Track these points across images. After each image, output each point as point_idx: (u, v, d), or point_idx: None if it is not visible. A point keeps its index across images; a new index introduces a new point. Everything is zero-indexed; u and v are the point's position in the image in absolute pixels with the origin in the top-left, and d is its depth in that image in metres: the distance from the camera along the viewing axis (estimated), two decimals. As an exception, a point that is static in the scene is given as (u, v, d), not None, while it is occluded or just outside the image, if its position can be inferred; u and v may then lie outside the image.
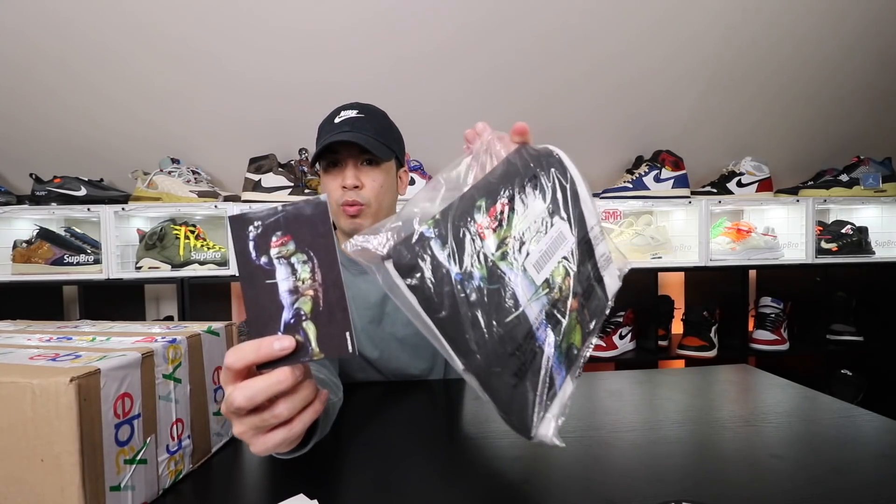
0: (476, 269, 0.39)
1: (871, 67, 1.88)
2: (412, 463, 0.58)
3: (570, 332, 0.43)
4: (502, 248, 0.40)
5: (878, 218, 1.92)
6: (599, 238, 0.48)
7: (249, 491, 0.54)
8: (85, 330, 0.60)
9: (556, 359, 0.42)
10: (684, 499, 0.48)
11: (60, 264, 1.55)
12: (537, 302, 0.41)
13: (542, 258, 0.42)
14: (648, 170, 1.75)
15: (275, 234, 0.39)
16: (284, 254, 0.39)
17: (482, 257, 0.39)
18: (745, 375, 0.91)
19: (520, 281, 0.40)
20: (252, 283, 0.39)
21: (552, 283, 0.42)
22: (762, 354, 1.77)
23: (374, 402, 0.79)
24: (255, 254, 0.39)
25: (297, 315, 0.39)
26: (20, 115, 1.67)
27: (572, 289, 0.44)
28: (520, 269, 0.41)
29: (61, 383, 0.41)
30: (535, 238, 0.42)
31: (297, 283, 0.39)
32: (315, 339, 0.39)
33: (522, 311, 0.40)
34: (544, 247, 0.42)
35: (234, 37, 1.60)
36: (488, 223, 0.40)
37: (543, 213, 0.43)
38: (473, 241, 0.39)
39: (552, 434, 0.41)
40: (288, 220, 0.39)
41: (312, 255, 0.39)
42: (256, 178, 1.62)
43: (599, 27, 1.69)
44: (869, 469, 0.54)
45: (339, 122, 0.83)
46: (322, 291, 0.39)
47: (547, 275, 0.42)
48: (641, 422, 0.69)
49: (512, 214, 0.41)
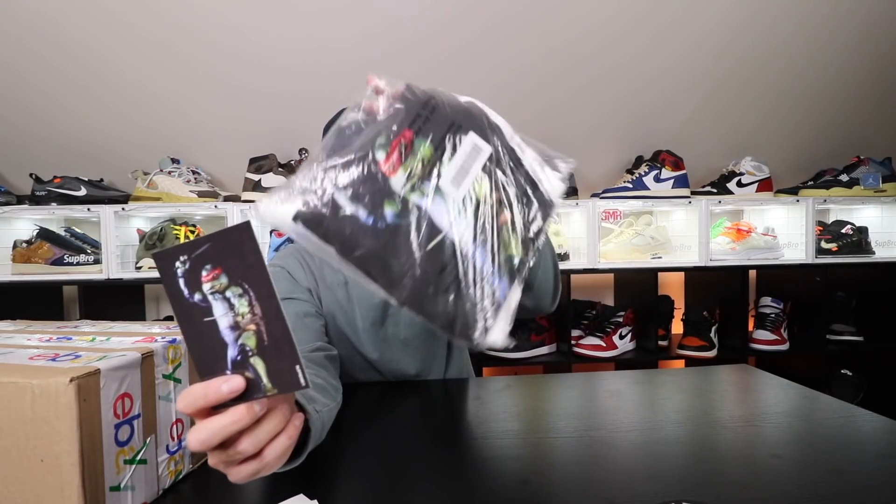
0: (388, 208, 0.38)
1: (871, 68, 1.88)
2: (412, 463, 0.58)
3: (506, 244, 0.43)
4: (411, 179, 0.40)
5: (878, 218, 1.92)
6: (523, 146, 0.47)
7: (249, 491, 0.54)
8: (85, 330, 0.60)
9: (493, 271, 0.42)
10: (684, 499, 0.48)
11: (60, 264, 1.55)
12: (462, 219, 0.41)
13: (458, 174, 0.41)
14: (648, 170, 1.75)
15: (204, 267, 0.36)
16: (218, 288, 0.36)
17: (391, 194, 0.39)
18: (745, 375, 0.91)
19: (437, 206, 0.40)
20: (190, 323, 0.37)
21: (474, 197, 0.42)
22: (762, 354, 1.77)
23: (374, 402, 0.79)
24: (188, 291, 0.36)
25: (244, 351, 0.36)
26: (20, 117, 1.68)
27: (500, 200, 0.43)
28: (432, 193, 0.40)
29: (61, 383, 0.41)
30: (447, 157, 0.41)
31: (237, 317, 0.36)
32: (265, 374, 0.36)
33: (445, 234, 0.40)
34: (459, 162, 0.42)
35: (237, 47, 1.60)
36: (393, 159, 0.39)
37: (450, 131, 0.42)
38: (378, 181, 0.38)
39: (502, 339, 0.42)
40: (216, 251, 0.36)
41: (247, 288, 0.36)
42: (256, 178, 1.62)
43: (607, 35, 1.69)
44: (869, 469, 0.54)
45: None
46: (264, 325, 0.36)
47: (466, 190, 0.42)
48: (641, 422, 0.69)
49: (417, 140, 0.40)
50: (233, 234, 0.35)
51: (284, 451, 0.39)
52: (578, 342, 1.72)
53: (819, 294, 1.75)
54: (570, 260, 1.72)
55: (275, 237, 1.62)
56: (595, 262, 1.68)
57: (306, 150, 1.71)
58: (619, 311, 1.77)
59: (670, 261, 1.76)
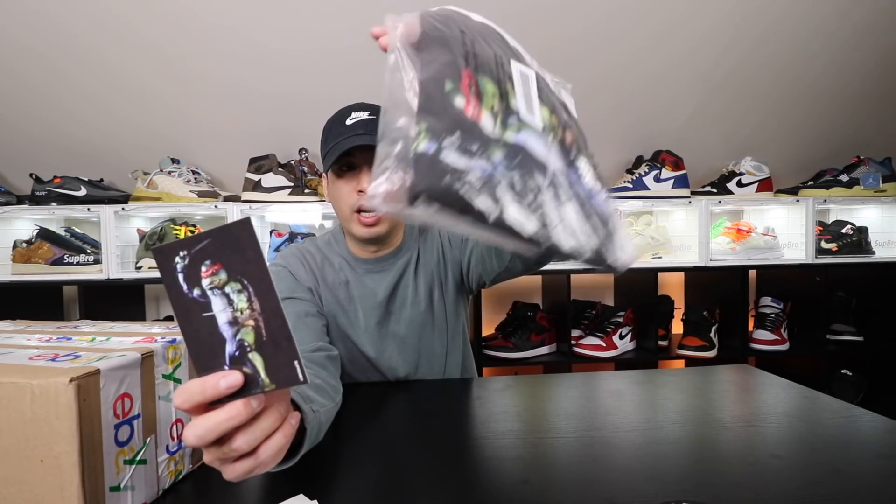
0: (496, 153, 0.36)
1: (871, 68, 1.88)
2: (412, 463, 0.58)
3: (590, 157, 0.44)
4: (497, 118, 0.37)
5: (878, 218, 1.92)
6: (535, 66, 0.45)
7: (249, 491, 0.54)
8: (85, 330, 0.60)
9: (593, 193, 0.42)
10: (684, 499, 0.48)
11: (60, 264, 1.55)
12: (552, 150, 0.40)
13: (527, 105, 0.39)
14: (648, 170, 1.75)
15: (203, 263, 0.36)
16: (217, 284, 0.36)
17: (490, 139, 0.36)
18: (745, 375, 0.91)
19: (530, 139, 0.38)
20: (189, 318, 0.36)
21: (548, 124, 0.41)
22: (762, 354, 1.77)
23: (374, 402, 0.79)
24: (187, 286, 0.36)
25: (242, 347, 0.36)
26: (20, 118, 1.68)
27: (562, 121, 0.43)
28: (521, 127, 0.38)
29: (61, 383, 0.41)
30: (510, 88, 0.39)
31: (236, 313, 0.36)
32: (264, 369, 0.36)
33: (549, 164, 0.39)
34: (521, 91, 0.40)
35: (237, 48, 1.60)
36: (471, 101, 0.36)
37: (497, 63, 0.40)
38: (472, 128, 0.35)
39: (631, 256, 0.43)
40: (216, 247, 0.36)
41: (247, 284, 0.36)
42: (256, 178, 1.62)
43: (606, 36, 1.69)
44: (869, 469, 0.54)
45: (351, 125, 0.81)
46: (263, 321, 0.36)
47: (540, 118, 0.40)
48: (641, 422, 0.69)
49: (479, 77, 0.37)
50: (233, 229, 0.35)
51: (279, 450, 0.38)
52: (578, 342, 1.72)
53: (819, 294, 1.75)
54: (570, 260, 1.72)
55: (275, 237, 1.62)
56: (595, 262, 1.68)
57: (306, 150, 1.71)
58: (619, 311, 1.77)
59: (670, 261, 1.76)
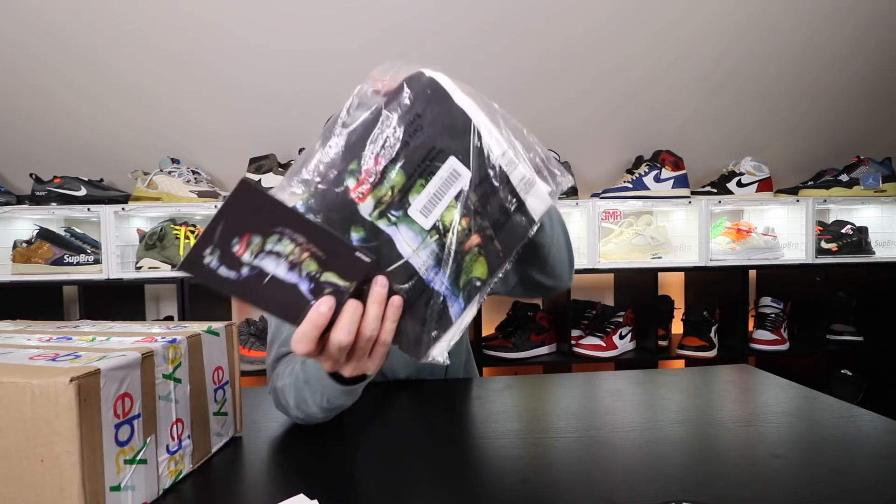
0: (353, 233, 0.40)
1: (871, 68, 1.88)
2: (412, 462, 0.58)
3: (471, 267, 0.44)
4: (379, 206, 0.40)
5: (878, 218, 1.92)
6: (515, 162, 0.45)
7: (249, 491, 0.54)
8: (85, 330, 0.60)
9: (450, 294, 0.44)
10: (684, 499, 0.48)
11: (60, 264, 1.55)
12: (425, 249, 0.42)
13: (429, 203, 0.42)
14: (648, 170, 1.75)
15: (232, 243, 0.37)
16: (256, 250, 0.37)
17: (359, 220, 0.40)
18: (745, 375, 0.91)
19: (402, 233, 0.41)
20: (256, 295, 0.38)
21: (442, 227, 0.42)
22: (762, 354, 1.77)
23: (374, 402, 0.79)
24: (234, 273, 0.37)
25: (312, 277, 0.39)
26: (21, 119, 1.68)
27: (472, 225, 0.43)
28: (401, 221, 0.41)
29: (61, 383, 0.41)
30: (420, 183, 0.41)
31: (290, 258, 0.38)
32: (339, 278, 0.39)
33: (406, 261, 0.42)
34: (432, 190, 0.41)
35: (236, 49, 1.61)
36: (364, 186, 0.40)
37: (428, 157, 0.41)
38: (346, 206, 0.40)
39: (439, 354, 0.44)
40: (232, 223, 0.37)
41: (280, 229, 0.37)
42: (256, 178, 1.62)
43: (607, 36, 1.69)
44: (869, 469, 0.54)
45: None
46: (314, 244, 0.38)
47: (436, 219, 0.42)
48: (641, 422, 0.69)
49: (390, 167, 0.40)
50: (238, 198, 0.36)
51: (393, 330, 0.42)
52: (578, 342, 1.72)
53: (819, 294, 1.75)
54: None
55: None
56: (595, 262, 1.68)
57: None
58: (619, 311, 1.77)
59: (670, 261, 1.76)
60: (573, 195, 1.73)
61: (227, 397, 0.64)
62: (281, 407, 0.69)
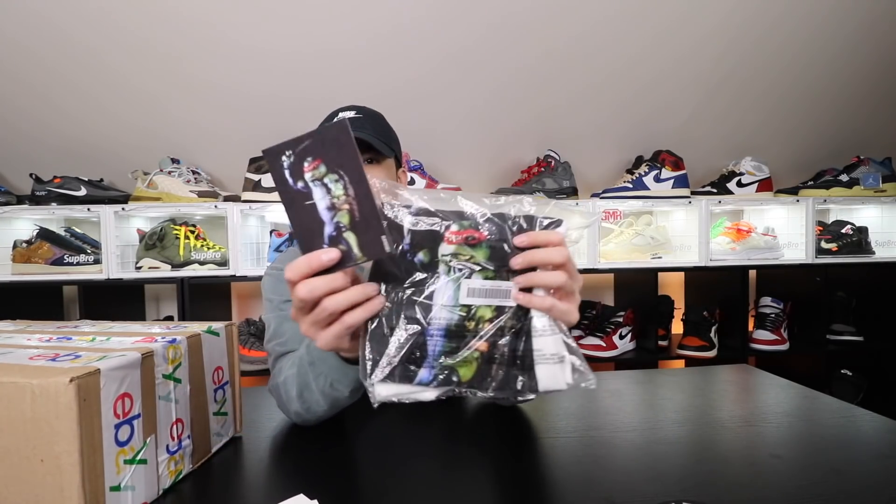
0: (422, 254, 0.46)
1: (871, 69, 1.88)
2: (412, 463, 0.58)
3: (463, 363, 0.46)
4: (454, 258, 0.46)
5: (878, 218, 1.92)
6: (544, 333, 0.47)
7: (249, 491, 0.54)
8: (85, 330, 0.60)
9: (431, 361, 0.46)
10: (684, 499, 0.48)
11: (60, 264, 1.55)
12: (448, 313, 0.46)
13: (479, 291, 0.46)
14: (648, 170, 1.75)
15: (306, 159, 0.43)
16: (318, 176, 0.43)
17: (433, 251, 0.46)
18: (745, 375, 0.91)
19: (447, 287, 0.46)
20: (294, 207, 0.44)
21: (472, 314, 0.46)
22: (762, 354, 1.77)
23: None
24: (293, 180, 0.43)
25: (338, 228, 0.43)
26: (21, 120, 1.68)
27: (487, 334, 0.46)
28: (454, 280, 0.46)
29: (61, 383, 0.41)
30: (487, 274, 0.46)
31: (334, 199, 0.43)
32: (357, 245, 0.43)
33: (429, 306, 0.46)
34: (489, 285, 0.46)
35: (236, 51, 1.61)
36: (458, 237, 0.46)
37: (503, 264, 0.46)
38: (438, 236, 0.45)
39: (379, 398, 0.46)
40: (316, 146, 0.43)
41: (343, 174, 0.42)
42: (256, 178, 1.62)
43: (607, 36, 1.69)
44: (869, 469, 0.54)
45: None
46: (356, 204, 0.43)
47: (474, 303, 0.46)
48: (641, 422, 0.69)
49: (480, 247, 0.46)
50: (331, 130, 0.42)
51: (359, 319, 0.45)
52: (578, 342, 1.71)
53: (819, 294, 1.75)
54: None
55: (275, 237, 1.62)
56: (595, 261, 1.68)
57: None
58: (619, 311, 1.77)
59: (670, 261, 1.76)
60: (573, 195, 1.73)
61: (227, 397, 0.64)
62: (282, 404, 0.69)
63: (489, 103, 1.81)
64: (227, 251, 1.59)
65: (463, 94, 1.78)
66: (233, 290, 1.90)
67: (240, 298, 1.93)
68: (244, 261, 1.59)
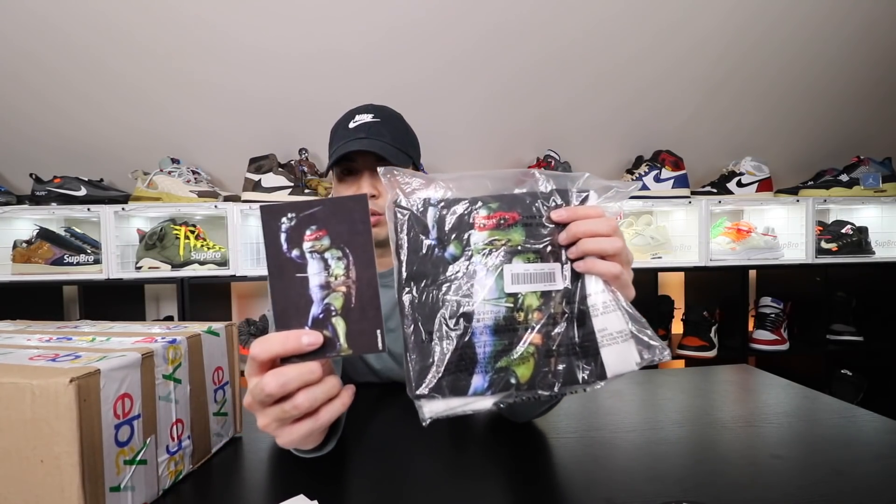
0: (452, 247, 0.41)
1: (871, 69, 1.88)
2: (412, 463, 0.58)
3: (519, 361, 0.41)
4: (488, 247, 0.42)
5: (878, 218, 1.92)
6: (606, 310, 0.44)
7: (249, 491, 0.54)
8: (85, 330, 0.60)
9: (482, 366, 0.41)
10: (684, 499, 0.48)
11: (60, 264, 1.55)
12: (493, 306, 0.41)
13: (524, 276, 0.42)
14: (648, 170, 1.75)
15: (309, 227, 0.39)
16: (318, 248, 0.39)
17: (464, 241, 0.42)
18: (746, 375, 0.91)
19: (486, 279, 0.41)
20: (281, 276, 0.39)
21: (519, 304, 0.42)
22: (762, 354, 1.77)
23: (373, 403, 0.79)
24: (287, 246, 0.39)
25: (327, 310, 0.39)
26: (21, 120, 1.68)
27: (540, 324, 0.42)
28: (493, 269, 0.42)
29: (61, 384, 0.41)
30: (529, 257, 0.42)
31: (330, 278, 0.39)
32: (344, 335, 0.39)
33: (470, 302, 0.41)
34: (532, 269, 0.42)
35: (236, 52, 1.60)
36: (490, 222, 0.42)
37: (550, 243, 0.43)
38: (467, 224, 0.42)
39: (429, 415, 0.40)
40: (325, 215, 0.39)
41: (348, 252, 0.39)
42: (256, 178, 1.62)
43: (607, 37, 1.69)
44: (869, 469, 0.54)
45: (354, 128, 0.80)
46: (356, 289, 0.39)
47: (519, 290, 0.42)
48: (642, 422, 0.69)
49: (515, 228, 0.42)
50: (347, 202, 0.39)
51: (335, 414, 0.40)
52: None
53: (819, 294, 1.75)
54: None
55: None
56: (595, 262, 1.68)
57: (306, 150, 1.71)
58: (619, 311, 1.77)
59: (670, 261, 1.76)
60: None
61: (227, 397, 0.64)
62: None
63: (490, 104, 1.81)
64: (227, 251, 1.59)
65: (464, 95, 1.78)
66: (233, 290, 1.90)
67: (240, 298, 1.93)
68: (244, 261, 1.59)
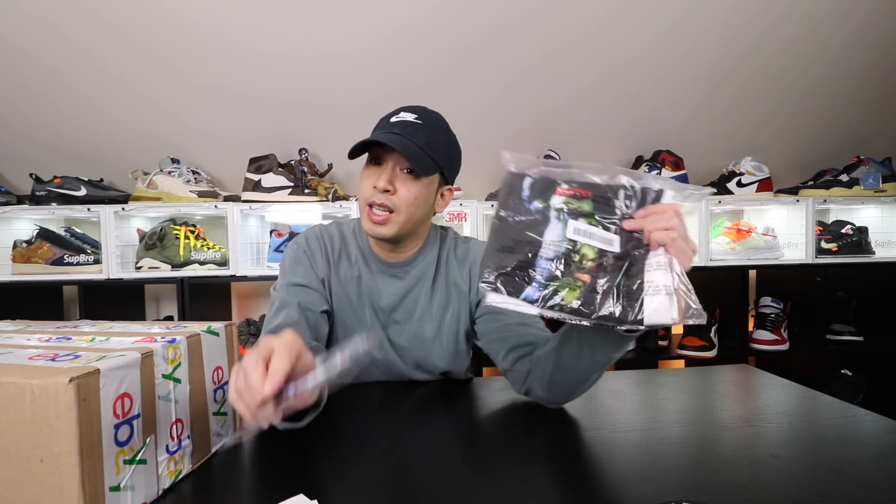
0: (537, 202, 0.56)
1: (871, 69, 1.88)
2: (412, 463, 0.58)
3: (567, 284, 0.54)
4: (563, 207, 0.56)
5: (878, 218, 1.92)
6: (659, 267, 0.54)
7: (249, 491, 0.54)
8: (84, 330, 0.60)
9: (538, 283, 0.54)
10: (684, 499, 0.48)
11: (60, 264, 1.55)
12: (556, 246, 0.55)
13: (584, 232, 0.55)
14: (648, 170, 1.75)
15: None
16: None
17: (547, 198, 0.56)
18: (746, 375, 0.91)
19: (555, 227, 0.55)
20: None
21: (577, 248, 0.55)
22: (762, 354, 1.77)
23: (373, 402, 0.79)
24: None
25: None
26: (21, 121, 1.68)
27: (590, 268, 0.54)
28: (562, 221, 0.55)
29: (61, 383, 0.41)
30: (591, 221, 0.55)
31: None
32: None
33: (540, 237, 0.55)
34: (592, 230, 0.55)
35: (236, 53, 1.60)
36: (566, 192, 0.56)
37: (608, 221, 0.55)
38: (549, 192, 0.56)
39: (490, 301, 0.55)
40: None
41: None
42: (256, 178, 1.62)
43: (608, 37, 1.69)
44: (869, 469, 0.54)
45: (394, 122, 0.80)
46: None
47: (579, 240, 0.55)
48: (641, 422, 0.69)
49: (586, 200, 0.56)
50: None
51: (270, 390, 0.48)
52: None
53: (819, 294, 1.75)
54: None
55: (275, 237, 1.62)
56: (595, 262, 1.68)
57: (306, 150, 1.71)
58: (619, 311, 1.77)
59: (670, 261, 1.75)
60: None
61: (226, 397, 0.64)
62: None
63: (491, 105, 1.81)
64: (227, 251, 1.59)
65: (464, 95, 1.78)
66: (233, 290, 1.90)
67: (240, 298, 1.93)
68: (244, 261, 1.59)
